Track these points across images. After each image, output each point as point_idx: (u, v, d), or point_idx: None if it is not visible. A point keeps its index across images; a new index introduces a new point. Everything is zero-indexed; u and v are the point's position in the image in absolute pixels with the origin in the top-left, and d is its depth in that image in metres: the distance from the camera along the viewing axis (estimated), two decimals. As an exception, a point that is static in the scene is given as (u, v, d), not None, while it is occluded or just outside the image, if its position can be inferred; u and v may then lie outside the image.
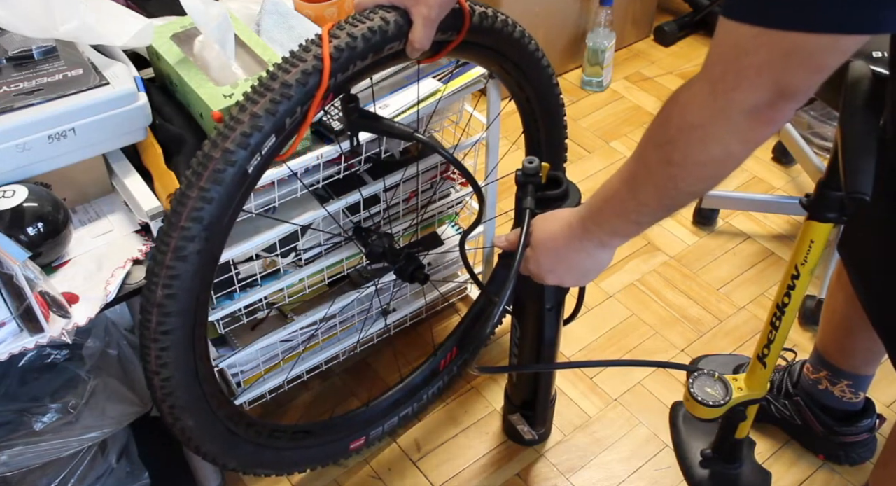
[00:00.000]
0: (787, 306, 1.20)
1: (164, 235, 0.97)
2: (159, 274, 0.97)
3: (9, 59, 1.10)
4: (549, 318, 1.31)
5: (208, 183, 0.95)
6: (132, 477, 1.37)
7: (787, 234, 2.00)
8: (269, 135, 0.96)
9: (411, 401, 1.57)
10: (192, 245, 0.96)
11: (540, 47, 1.31)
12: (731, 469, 1.46)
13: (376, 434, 1.52)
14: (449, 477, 1.53)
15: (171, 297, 0.98)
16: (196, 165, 0.96)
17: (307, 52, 0.98)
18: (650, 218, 0.92)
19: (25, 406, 1.17)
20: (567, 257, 1.04)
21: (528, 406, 1.49)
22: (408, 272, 1.37)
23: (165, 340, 1.00)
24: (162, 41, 1.19)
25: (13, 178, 1.06)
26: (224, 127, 0.96)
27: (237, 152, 0.95)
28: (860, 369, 1.41)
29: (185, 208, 0.95)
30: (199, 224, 0.96)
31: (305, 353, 1.55)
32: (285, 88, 0.96)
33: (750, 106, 0.73)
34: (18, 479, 1.19)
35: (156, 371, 1.03)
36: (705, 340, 1.76)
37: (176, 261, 0.96)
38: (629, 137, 2.28)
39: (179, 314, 0.99)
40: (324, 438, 1.42)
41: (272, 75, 0.97)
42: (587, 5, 2.38)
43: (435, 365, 1.60)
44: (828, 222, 1.11)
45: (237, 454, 1.21)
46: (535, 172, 1.14)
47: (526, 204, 1.13)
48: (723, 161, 0.80)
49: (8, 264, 0.92)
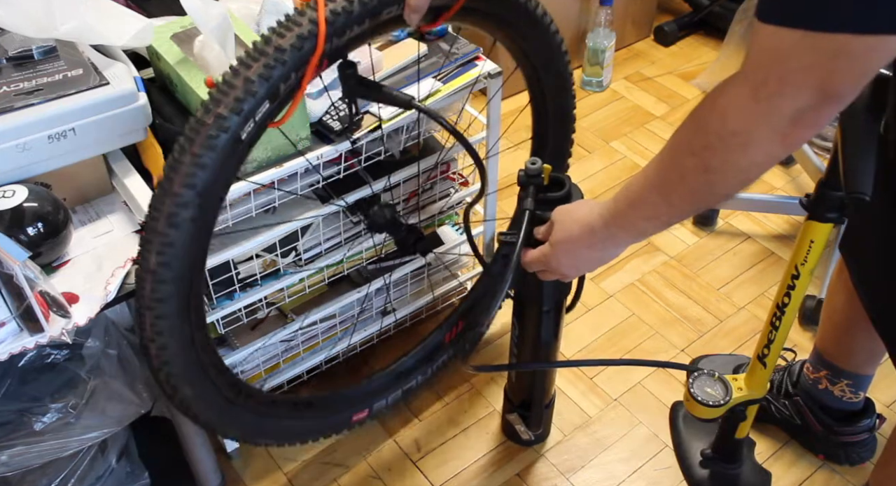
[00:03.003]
0: (787, 306, 1.20)
1: (157, 202, 0.95)
2: (152, 241, 0.95)
3: (9, 59, 1.10)
4: (546, 320, 1.31)
5: (201, 149, 0.93)
6: (132, 477, 1.37)
7: (787, 234, 2.00)
8: (262, 100, 0.94)
9: (416, 374, 1.55)
10: (186, 212, 0.94)
11: (547, 12, 1.27)
12: (731, 469, 1.46)
13: (380, 407, 1.50)
14: (449, 477, 1.53)
15: (164, 265, 0.96)
16: (188, 131, 0.94)
17: (302, 16, 0.96)
18: (680, 219, 0.93)
19: (25, 406, 1.17)
20: (586, 256, 1.04)
21: (525, 406, 1.49)
22: (409, 243, 1.36)
23: (160, 307, 0.99)
24: (162, 41, 1.19)
25: (13, 178, 1.06)
26: (217, 92, 0.94)
27: (230, 118, 0.93)
28: (860, 369, 1.41)
29: (177, 174, 0.93)
30: (192, 190, 0.94)
31: (305, 353, 1.55)
32: (279, 52, 0.94)
33: (794, 110, 0.72)
34: (18, 479, 1.19)
35: (151, 339, 1.01)
36: (705, 340, 1.76)
37: (169, 228, 0.95)
38: (629, 137, 2.28)
39: (173, 282, 0.98)
40: (326, 410, 1.40)
41: (266, 40, 0.95)
42: (587, 5, 2.38)
43: (440, 338, 1.59)
44: (828, 222, 1.11)
45: (237, 423, 1.19)
46: (537, 173, 1.13)
47: (526, 205, 1.12)
48: (763, 164, 0.80)
49: (8, 264, 0.92)
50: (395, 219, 1.36)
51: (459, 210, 1.65)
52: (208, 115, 0.93)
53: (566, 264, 1.07)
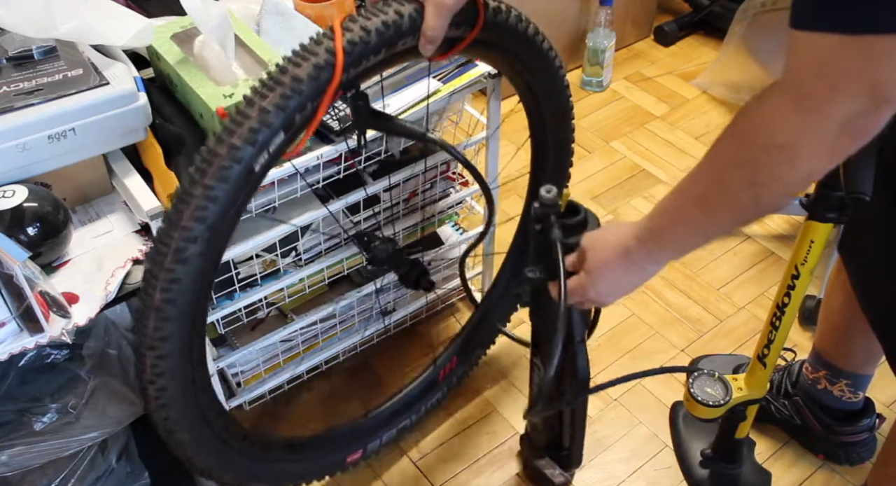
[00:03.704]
0: (787, 306, 1.20)
1: (165, 236, 0.91)
2: (158, 277, 0.92)
3: (9, 59, 1.10)
4: (580, 351, 1.22)
5: (213, 181, 0.90)
6: (132, 477, 1.37)
7: (787, 234, 2.00)
8: (277, 131, 0.92)
9: (409, 413, 1.53)
10: (194, 246, 0.91)
11: (553, 47, 1.27)
12: (731, 469, 1.46)
13: (374, 447, 1.47)
14: (449, 477, 1.53)
15: (169, 301, 0.93)
16: (200, 162, 0.91)
17: (319, 45, 0.93)
18: (722, 234, 0.90)
19: (25, 406, 1.17)
20: (624, 280, 1.00)
21: (556, 446, 1.41)
22: (412, 279, 1.32)
23: (163, 347, 0.95)
24: (162, 41, 1.19)
25: (13, 178, 1.06)
26: (230, 122, 0.91)
27: (244, 149, 0.90)
28: (859, 369, 1.41)
29: (187, 207, 0.90)
30: (203, 224, 0.90)
31: (305, 353, 1.55)
32: (296, 82, 0.91)
33: (845, 117, 0.70)
34: (18, 479, 1.19)
35: (151, 381, 0.98)
36: (705, 340, 1.76)
37: (176, 263, 0.91)
38: (629, 137, 2.28)
39: (178, 320, 0.94)
40: (321, 450, 1.38)
41: (282, 69, 0.92)
42: (587, 5, 2.38)
43: (434, 376, 1.56)
44: (828, 222, 1.11)
45: (232, 467, 1.17)
46: (554, 202, 1.06)
47: (555, 235, 1.05)
48: (812, 176, 0.77)
49: (8, 264, 0.92)
50: (398, 254, 1.32)
51: (460, 211, 1.66)
52: (221, 145, 0.90)
53: (605, 291, 1.02)
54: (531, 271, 1.10)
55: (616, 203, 2.08)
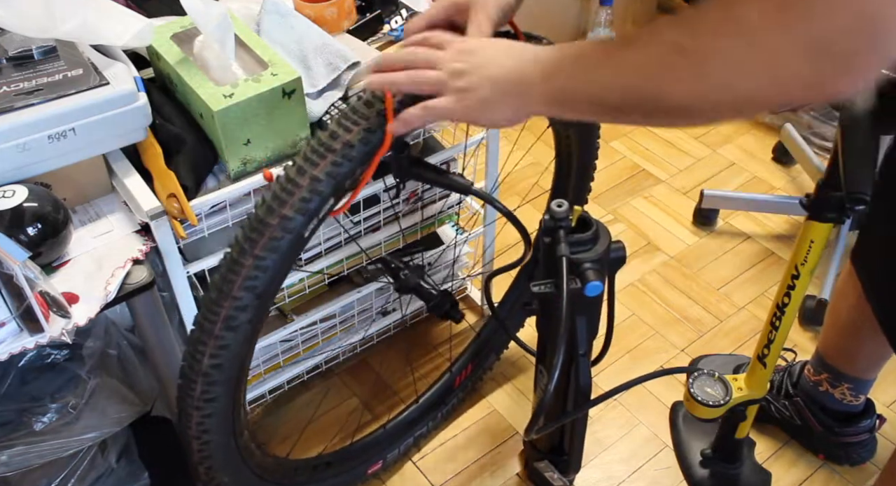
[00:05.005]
0: (787, 306, 1.20)
1: (214, 304, 0.91)
2: (207, 344, 0.92)
3: (9, 59, 1.10)
4: (583, 364, 1.21)
5: (264, 251, 0.89)
6: (132, 477, 1.37)
7: (787, 234, 2.00)
8: (328, 199, 0.90)
9: (426, 420, 1.56)
10: (244, 315, 0.91)
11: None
12: (731, 469, 1.46)
13: (392, 456, 1.52)
14: (449, 477, 1.53)
15: (218, 367, 0.93)
16: (249, 231, 0.90)
17: (370, 108, 0.91)
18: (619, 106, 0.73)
19: (25, 406, 1.17)
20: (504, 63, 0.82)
21: (558, 452, 1.41)
22: (444, 310, 1.29)
23: (209, 407, 0.97)
24: (162, 41, 1.19)
25: (13, 178, 1.05)
26: (281, 190, 0.90)
27: (295, 219, 0.89)
28: (862, 374, 1.41)
29: (238, 277, 0.90)
30: (252, 293, 0.90)
31: (305, 353, 1.55)
32: (348, 148, 0.89)
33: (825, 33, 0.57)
34: (18, 479, 1.19)
35: (196, 437, 0.99)
36: (705, 340, 1.76)
37: (226, 331, 0.92)
38: (629, 136, 2.28)
39: (225, 383, 0.95)
40: (344, 466, 1.42)
41: (332, 134, 0.90)
42: (587, 5, 2.38)
43: (450, 383, 1.60)
44: (828, 222, 1.11)
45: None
46: (565, 216, 1.05)
47: (560, 251, 1.03)
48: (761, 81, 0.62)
49: (8, 264, 0.92)
50: (427, 284, 1.30)
51: (460, 211, 1.66)
52: (272, 215, 0.89)
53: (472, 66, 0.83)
54: (537, 286, 1.08)
55: (616, 203, 2.09)
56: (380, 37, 1.39)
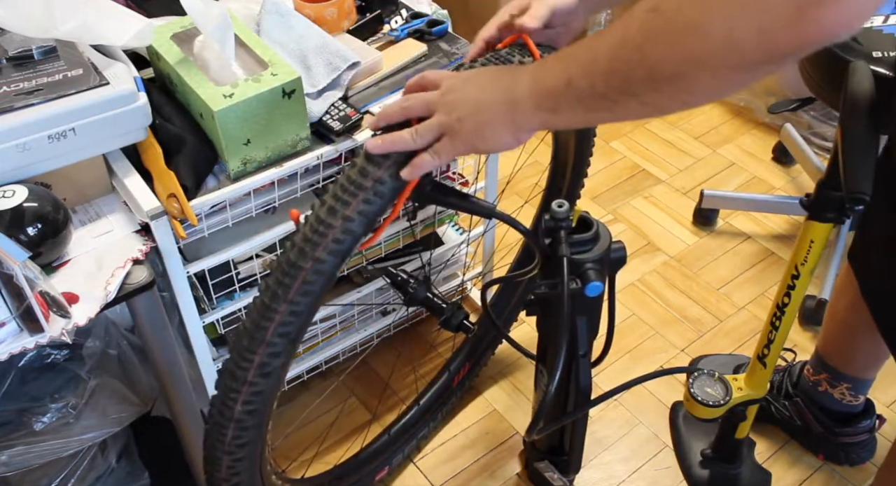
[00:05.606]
0: (787, 306, 1.20)
1: (247, 351, 0.90)
2: (240, 391, 0.91)
3: (9, 59, 1.10)
4: (584, 364, 1.21)
5: (298, 296, 0.87)
6: (132, 477, 1.37)
7: (787, 234, 2.00)
8: (360, 237, 0.88)
9: (427, 421, 1.57)
10: (277, 361, 0.90)
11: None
12: (731, 469, 1.46)
13: (397, 461, 1.53)
14: (449, 477, 1.53)
15: (251, 412, 0.92)
16: (281, 275, 0.87)
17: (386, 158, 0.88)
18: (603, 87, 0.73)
19: (25, 406, 1.17)
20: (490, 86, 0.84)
21: (557, 452, 1.41)
22: (455, 324, 1.28)
23: (239, 452, 0.96)
24: (162, 41, 1.19)
25: (13, 178, 1.05)
26: (312, 232, 0.87)
27: (328, 261, 0.86)
28: (861, 373, 1.41)
29: (271, 323, 0.88)
30: (286, 339, 0.89)
31: (305, 353, 1.56)
32: (379, 184, 0.86)
33: None
34: (18, 479, 1.19)
35: (226, 479, 0.99)
36: (705, 340, 1.76)
37: (260, 377, 0.90)
38: (629, 137, 2.28)
39: (257, 427, 0.95)
40: (355, 476, 1.43)
41: (362, 171, 0.87)
42: (587, 5, 2.38)
43: (448, 382, 1.60)
44: (828, 222, 1.11)
45: None
46: (565, 217, 1.04)
47: (562, 252, 1.02)
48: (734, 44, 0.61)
49: (8, 264, 0.92)
50: (437, 297, 1.29)
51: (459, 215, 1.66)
52: (305, 259, 0.86)
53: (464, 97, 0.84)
54: (537, 286, 1.07)
55: (616, 203, 2.09)
56: (380, 37, 1.39)
